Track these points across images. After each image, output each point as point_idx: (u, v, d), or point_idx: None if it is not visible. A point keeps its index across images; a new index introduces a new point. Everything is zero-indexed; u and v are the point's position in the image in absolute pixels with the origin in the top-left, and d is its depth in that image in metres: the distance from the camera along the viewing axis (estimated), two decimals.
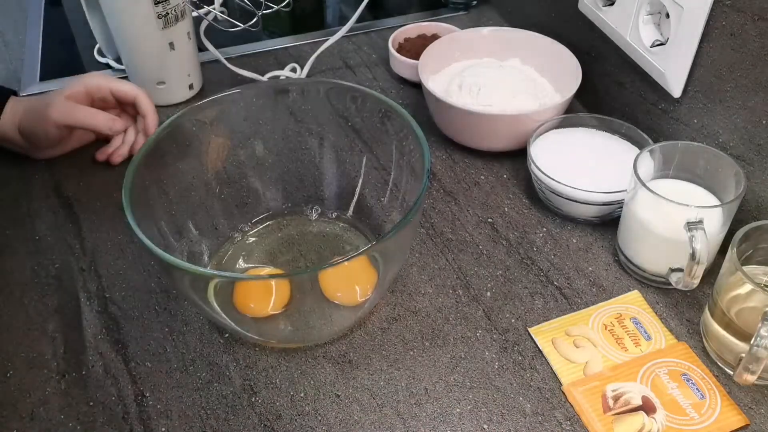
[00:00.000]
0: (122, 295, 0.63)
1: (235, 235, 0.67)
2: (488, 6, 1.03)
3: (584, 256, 0.65)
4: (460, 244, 0.67)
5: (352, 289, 0.58)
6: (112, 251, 0.67)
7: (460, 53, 0.83)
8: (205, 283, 0.54)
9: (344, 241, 0.66)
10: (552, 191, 0.66)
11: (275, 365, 0.57)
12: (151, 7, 0.77)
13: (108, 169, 0.77)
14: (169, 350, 0.59)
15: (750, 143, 0.60)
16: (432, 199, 0.72)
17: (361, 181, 0.68)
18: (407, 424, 0.53)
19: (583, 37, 0.79)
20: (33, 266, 0.66)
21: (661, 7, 0.65)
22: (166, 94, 0.85)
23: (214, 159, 0.66)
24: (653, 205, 0.57)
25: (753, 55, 0.57)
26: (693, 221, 0.54)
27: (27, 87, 0.90)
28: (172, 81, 0.84)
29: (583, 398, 0.54)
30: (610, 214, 0.66)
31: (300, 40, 0.98)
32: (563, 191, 0.65)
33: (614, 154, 0.69)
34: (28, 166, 0.77)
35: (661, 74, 0.67)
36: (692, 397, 0.53)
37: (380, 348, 0.58)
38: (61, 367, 0.58)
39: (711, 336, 0.56)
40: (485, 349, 0.58)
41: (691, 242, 0.54)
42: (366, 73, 0.91)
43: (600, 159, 0.69)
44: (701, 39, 0.61)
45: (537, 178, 0.67)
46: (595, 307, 0.61)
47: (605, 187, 0.64)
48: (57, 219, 0.71)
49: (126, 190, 0.53)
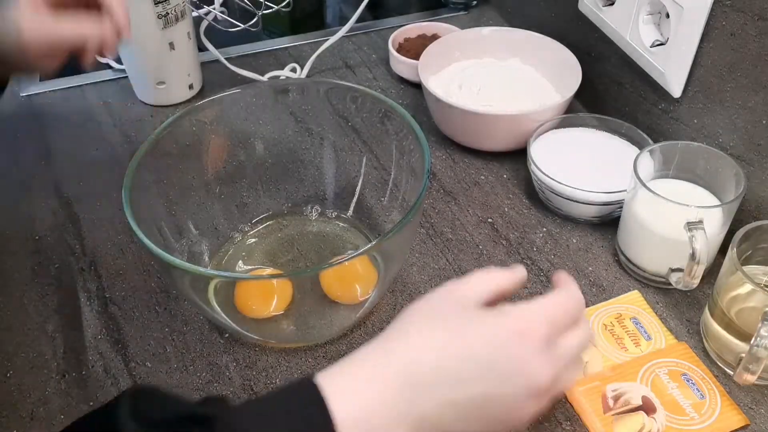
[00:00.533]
0: (122, 295, 0.63)
1: (235, 236, 0.67)
2: (488, 6, 1.03)
3: (584, 256, 0.65)
4: (460, 244, 0.67)
5: (352, 289, 0.58)
6: (112, 251, 0.67)
7: (460, 53, 0.83)
8: (205, 283, 0.55)
9: (344, 241, 0.66)
10: (552, 191, 0.66)
11: (275, 365, 0.57)
12: (151, 7, 0.77)
13: (108, 169, 0.77)
14: (169, 350, 0.58)
15: (750, 143, 0.60)
16: (432, 199, 0.72)
17: (361, 181, 0.68)
18: None
19: (583, 37, 0.79)
20: (33, 266, 0.66)
21: (661, 7, 0.65)
22: (166, 94, 0.85)
23: (214, 159, 0.66)
24: (653, 205, 0.57)
25: (753, 55, 0.57)
26: (693, 221, 0.54)
27: (27, 87, 0.90)
28: (172, 81, 0.84)
29: (583, 398, 0.54)
30: (610, 214, 0.66)
31: (300, 40, 0.98)
32: (563, 191, 0.65)
33: (614, 154, 0.69)
34: (28, 166, 0.77)
35: (661, 74, 0.66)
36: (692, 397, 0.53)
37: None
38: (61, 367, 0.58)
39: (711, 336, 0.56)
40: None
41: (691, 242, 0.54)
42: (366, 73, 0.91)
43: (600, 159, 0.69)
44: (701, 39, 0.61)
45: (537, 178, 0.67)
46: (595, 307, 0.61)
47: (605, 187, 0.64)
48: (57, 219, 0.71)
49: (126, 190, 0.53)
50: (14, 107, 0.87)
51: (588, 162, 0.68)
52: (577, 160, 0.68)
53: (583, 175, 0.66)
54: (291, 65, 0.91)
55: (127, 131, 0.82)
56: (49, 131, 0.83)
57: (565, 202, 0.66)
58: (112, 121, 0.84)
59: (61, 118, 0.85)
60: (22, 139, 0.82)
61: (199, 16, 0.88)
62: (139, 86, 0.86)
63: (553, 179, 0.65)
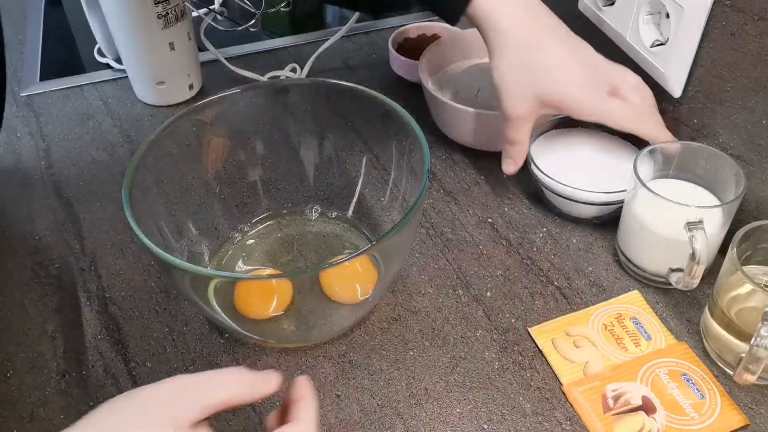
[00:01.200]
0: (122, 295, 0.63)
1: (235, 235, 0.67)
2: None
3: (584, 256, 0.65)
4: (460, 244, 0.67)
5: (352, 289, 0.58)
6: (112, 251, 0.67)
7: (460, 53, 0.83)
8: (205, 283, 0.54)
9: (344, 241, 0.66)
10: (552, 191, 0.66)
11: (275, 365, 0.57)
12: (151, 7, 0.77)
13: (108, 169, 0.77)
14: (169, 350, 0.58)
15: (750, 143, 0.60)
16: (432, 199, 0.72)
17: (361, 181, 0.68)
18: (407, 424, 0.53)
19: (583, 37, 0.78)
20: (33, 266, 0.66)
21: (661, 7, 0.65)
22: (166, 94, 0.85)
23: (214, 159, 0.66)
24: (653, 205, 0.57)
25: (753, 55, 0.57)
26: (693, 221, 0.54)
27: (27, 87, 0.90)
28: (172, 81, 0.84)
29: (583, 398, 0.54)
30: (610, 214, 0.66)
31: (300, 40, 0.98)
32: (563, 191, 0.65)
33: (614, 154, 0.69)
34: (28, 166, 0.77)
35: (661, 74, 0.67)
36: (692, 397, 0.53)
37: (380, 348, 0.58)
38: (61, 367, 0.58)
39: (711, 336, 0.56)
40: (485, 349, 0.58)
41: (691, 242, 0.54)
42: (366, 73, 0.91)
43: (600, 159, 0.68)
44: (701, 39, 0.61)
45: (537, 178, 0.67)
46: (595, 307, 0.61)
47: (605, 187, 0.64)
48: (57, 219, 0.71)
49: (126, 190, 0.53)
50: (14, 107, 0.87)
51: (588, 162, 0.68)
52: (577, 161, 0.68)
53: (583, 175, 0.65)
54: (291, 65, 0.91)
55: (127, 131, 0.82)
56: (49, 131, 0.83)
57: (566, 202, 0.66)
58: (112, 121, 0.84)
59: (61, 118, 0.85)
60: (22, 139, 0.82)
61: (199, 16, 0.88)
62: (139, 86, 0.86)
63: (553, 179, 0.65)
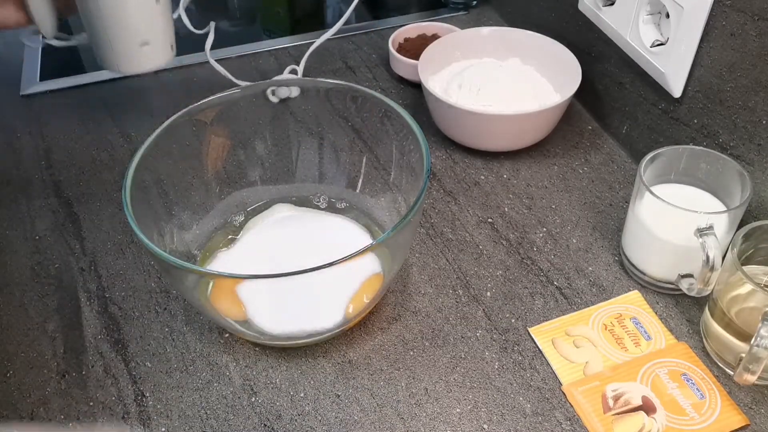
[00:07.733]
0: (122, 295, 0.63)
1: (235, 235, 0.66)
2: (488, 6, 1.03)
3: (584, 256, 0.65)
4: (460, 244, 0.67)
5: (359, 299, 0.58)
6: (112, 251, 0.67)
7: (460, 53, 0.83)
8: (205, 283, 0.54)
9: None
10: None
11: (275, 365, 0.57)
12: None
13: (108, 169, 0.77)
14: (169, 350, 0.59)
15: (750, 143, 0.60)
16: (432, 199, 0.72)
17: (361, 181, 0.68)
18: (407, 424, 0.53)
19: (583, 37, 0.79)
20: (33, 266, 0.66)
21: (661, 7, 0.65)
22: (149, 57, 0.69)
23: (214, 159, 0.66)
24: (660, 211, 0.57)
25: (753, 55, 0.57)
26: (703, 227, 0.54)
27: (27, 87, 0.90)
28: (157, 40, 0.68)
29: (583, 398, 0.54)
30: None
31: (300, 40, 0.98)
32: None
33: None
34: (28, 166, 0.77)
35: (661, 74, 0.66)
36: (692, 397, 0.53)
37: (380, 348, 0.58)
38: (61, 367, 0.58)
39: (711, 336, 0.56)
40: (485, 349, 0.58)
41: (704, 249, 0.53)
42: (366, 73, 0.91)
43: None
44: (701, 39, 0.61)
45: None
46: (595, 307, 0.61)
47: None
48: (57, 219, 0.71)
49: (126, 190, 0.53)
50: (14, 107, 0.87)
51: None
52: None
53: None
54: (290, 66, 0.90)
55: (127, 131, 0.82)
56: (49, 131, 0.83)
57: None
58: (112, 121, 0.84)
59: (61, 118, 0.85)
60: (22, 139, 0.82)
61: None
62: (119, 53, 0.69)
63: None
